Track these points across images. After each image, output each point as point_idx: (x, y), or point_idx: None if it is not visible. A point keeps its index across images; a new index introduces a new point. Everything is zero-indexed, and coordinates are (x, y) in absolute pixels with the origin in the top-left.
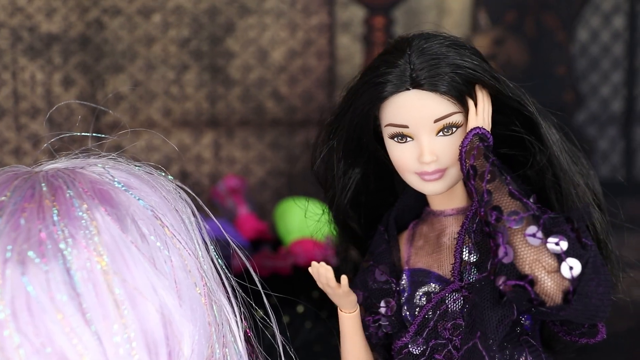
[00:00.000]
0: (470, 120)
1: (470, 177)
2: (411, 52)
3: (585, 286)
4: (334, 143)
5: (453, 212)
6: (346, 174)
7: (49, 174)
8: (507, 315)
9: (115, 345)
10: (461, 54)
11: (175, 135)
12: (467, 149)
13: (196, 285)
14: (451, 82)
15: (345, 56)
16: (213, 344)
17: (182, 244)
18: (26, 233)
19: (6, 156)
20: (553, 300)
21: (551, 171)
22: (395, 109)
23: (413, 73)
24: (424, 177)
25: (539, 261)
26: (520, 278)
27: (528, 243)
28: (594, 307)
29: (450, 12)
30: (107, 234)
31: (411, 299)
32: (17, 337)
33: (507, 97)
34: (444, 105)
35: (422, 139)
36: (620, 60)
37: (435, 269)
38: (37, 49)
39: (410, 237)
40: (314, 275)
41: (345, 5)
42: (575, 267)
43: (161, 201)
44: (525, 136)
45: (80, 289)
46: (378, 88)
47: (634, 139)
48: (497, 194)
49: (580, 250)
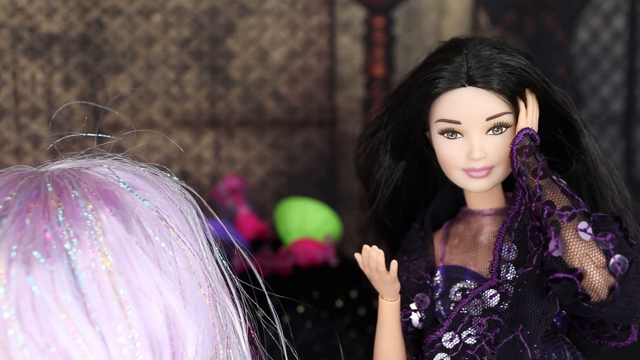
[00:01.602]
0: (521, 120)
1: (522, 173)
2: (468, 51)
3: (629, 284)
4: (383, 135)
5: (491, 212)
6: (391, 166)
7: (55, 175)
8: (550, 309)
9: (119, 346)
10: (517, 55)
11: (175, 135)
12: (518, 147)
13: (200, 286)
14: (505, 81)
15: (346, 56)
16: (217, 344)
17: (186, 245)
18: (31, 233)
19: (6, 156)
20: (598, 295)
21: (587, 180)
22: (449, 105)
23: (470, 71)
24: (470, 174)
25: (589, 256)
26: (569, 271)
27: (579, 237)
28: (634, 305)
29: (450, 12)
30: (112, 235)
31: (446, 295)
32: (21, 337)
33: (555, 103)
34: (497, 104)
35: (473, 135)
36: (620, 60)
37: (471, 266)
38: (37, 49)
39: (445, 236)
40: (363, 258)
41: (346, 5)
42: (623, 264)
43: (166, 202)
44: (567, 143)
45: (84, 289)
46: (434, 83)
47: (634, 139)
48: (549, 189)
49: (628, 248)
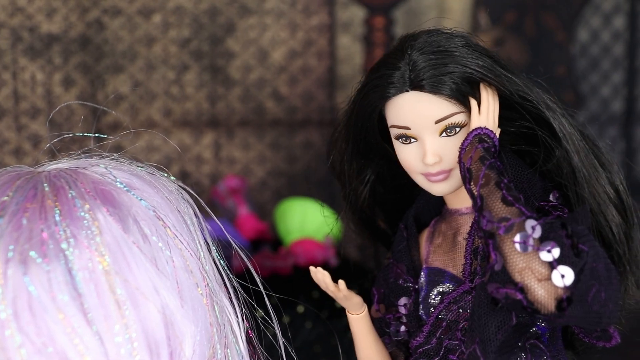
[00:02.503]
0: (473, 120)
1: (466, 180)
2: (411, 52)
3: (583, 293)
4: (343, 144)
5: (468, 211)
6: (360, 174)
7: (51, 174)
8: (506, 321)
9: (116, 346)
10: (462, 52)
11: (175, 135)
12: (465, 150)
13: (198, 286)
14: (452, 83)
15: (346, 56)
16: (215, 344)
17: (184, 245)
18: (28, 233)
19: (6, 156)
20: (546, 308)
21: (568, 167)
22: (397, 111)
23: (412, 74)
24: (429, 178)
25: (530, 269)
26: (511, 285)
27: (517, 250)
28: (595, 313)
29: (450, 12)
30: (109, 234)
31: (427, 298)
32: (18, 337)
33: (510, 95)
34: (445, 106)
35: (425, 140)
36: (620, 60)
37: (450, 268)
38: (37, 49)
39: (431, 235)
40: (314, 279)
41: (346, 5)
42: (568, 275)
43: (163, 202)
44: (538, 131)
45: (81, 289)
46: (378, 90)
47: (634, 139)
48: (489, 198)
49: (573, 257)
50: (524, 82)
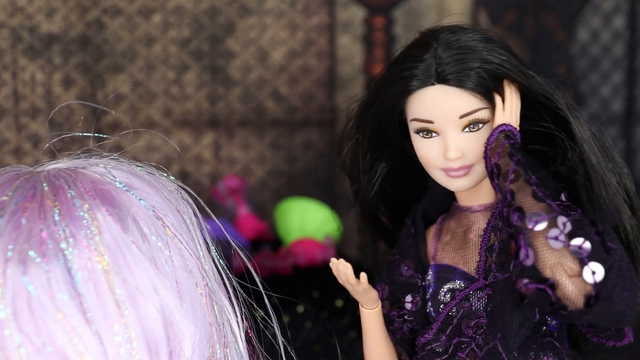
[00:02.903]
0: (497, 116)
1: (494, 175)
2: (437, 45)
3: (610, 291)
4: (360, 136)
5: (480, 208)
6: (372, 167)
7: (51, 174)
8: (529, 317)
9: (116, 345)
10: (489, 49)
11: (175, 135)
12: (492, 146)
13: (197, 286)
14: (478, 77)
15: (346, 56)
16: (214, 344)
17: (183, 244)
18: (27, 233)
19: (6, 156)
20: (575, 304)
21: (582, 169)
22: (421, 104)
23: (439, 68)
24: (449, 174)
25: (561, 265)
26: (541, 281)
27: (550, 246)
28: (618, 311)
29: (450, 12)
30: (108, 234)
31: (436, 295)
32: (17, 337)
33: (535, 93)
34: (470, 101)
35: (448, 135)
36: (620, 60)
37: (461, 265)
38: (37, 49)
39: (438, 232)
40: (333, 271)
41: (345, 5)
42: (598, 272)
43: (163, 201)
44: (556, 132)
45: (81, 289)
46: (403, 82)
47: (634, 139)
48: (520, 194)
49: (604, 254)
50: (547, 82)
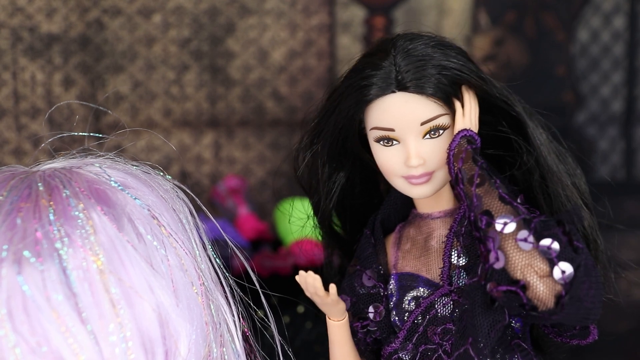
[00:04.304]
0: (458, 122)
1: (459, 180)
2: (396, 53)
3: (578, 289)
4: (318, 147)
5: (440, 215)
6: (331, 178)
7: (46, 174)
8: (499, 320)
9: (111, 345)
10: (447, 55)
11: (175, 135)
12: (455, 152)
13: (193, 285)
14: (437, 83)
15: (346, 56)
16: (210, 343)
17: (178, 243)
18: (22, 233)
19: (6, 156)
20: (545, 304)
21: (538, 172)
22: (381, 112)
23: (398, 75)
24: (410, 181)
25: (531, 266)
26: (512, 283)
27: (520, 248)
28: (586, 309)
29: (450, 12)
30: (103, 234)
31: (400, 304)
32: (13, 337)
33: (493, 98)
34: (431, 108)
35: (409, 142)
36: (620, 60)
37: (424, 273)
38: (37, 49)
39: (397, 240)
40: (301, 284)
41: (346, 5)
42: (567, 271)
43: (158, 200)
44: (512, 136)
45: (76, 289)
46: (363, 91)
47: (634, 139)
48: (487, 198)
49: (572, 253)
50: (504, 87)
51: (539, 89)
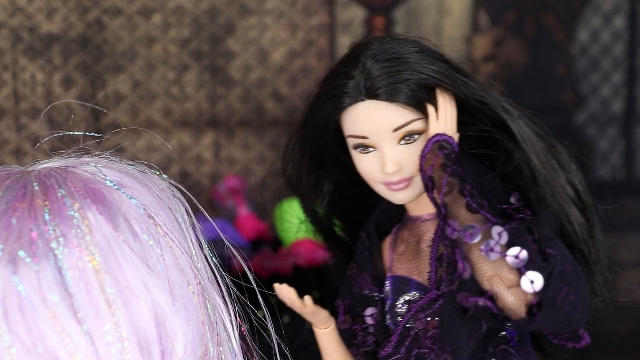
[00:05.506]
0: (431, 126)
1: (428, 188)
2: (365, 60)
3: (553, 297)
4: (299, 155)
5: (430, 217)
6: (318, 184)
7: (41, 174)
8: (477, 329)
9: (107, 345)
10: (418, 59)
11: (175, 135)
12: (426, 158)
13: (189, 284)
14: (408, 90)
15: None
16: (207, 342)
17: (175, 243)
18: (17, 233)
19: (6, 156)
20: (516, 314)
21: (527, 169)
22: (353, 121)
23: (367, 83)
24: (390, 187)
25: (498, 276)
26: (480, 294)
27: (485, 258)
28: (565, 316)
29: (450, 12)
30: (99, 233)
31: (393, 307)
32: (8, 337)
33: (467, 99)
34: (402, 114)
35: (384, 148)
36: (620, 60)
37: (416, 276)
38: (37, 49)
39: (393, 243)
40: (279, 296)
41: (346, 5)
42: (537, 281)
43: (154, 200)
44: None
45: (71, 289)
46: (334, 100)
47: (634, 139)
48: (454, 206)
49: (541, 262)
50: (480, 86)
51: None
